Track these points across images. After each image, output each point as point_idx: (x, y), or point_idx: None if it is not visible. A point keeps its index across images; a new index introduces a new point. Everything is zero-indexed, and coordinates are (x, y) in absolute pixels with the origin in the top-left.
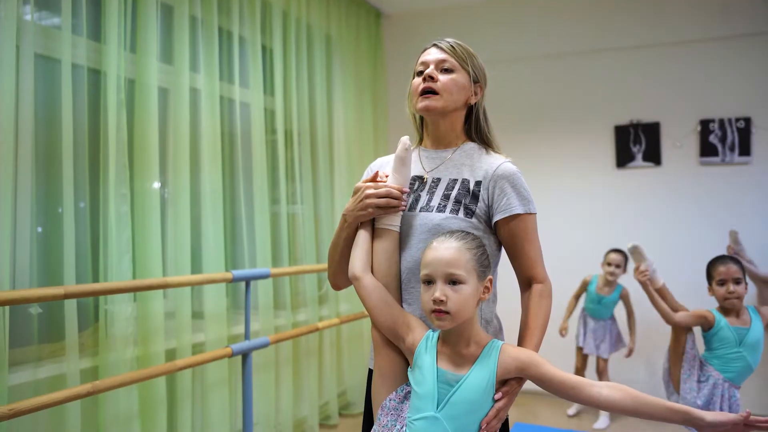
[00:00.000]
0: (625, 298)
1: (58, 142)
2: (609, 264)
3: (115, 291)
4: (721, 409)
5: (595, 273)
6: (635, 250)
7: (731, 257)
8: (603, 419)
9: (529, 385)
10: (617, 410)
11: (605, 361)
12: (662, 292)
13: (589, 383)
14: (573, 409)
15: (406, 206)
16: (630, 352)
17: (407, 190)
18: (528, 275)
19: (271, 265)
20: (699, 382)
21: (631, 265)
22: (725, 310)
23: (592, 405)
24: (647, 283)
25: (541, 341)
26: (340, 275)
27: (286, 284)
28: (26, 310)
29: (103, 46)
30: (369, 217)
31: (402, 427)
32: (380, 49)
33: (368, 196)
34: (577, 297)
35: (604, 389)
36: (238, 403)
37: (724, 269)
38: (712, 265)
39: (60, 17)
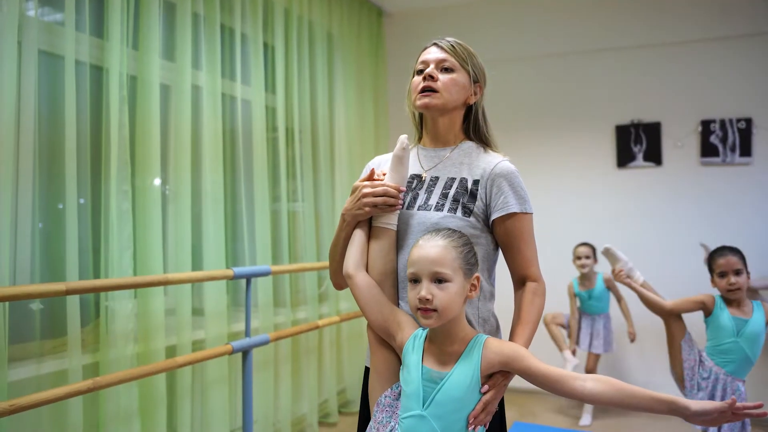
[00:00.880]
0: (609, 284)
1: (60, 138)
2: (578, 258)
3: (116, 287)
4: None
5: (572, 277)
6: (608, 253)
7: (731, 248)
8: (586, 417)
9: (527, 384)
10: (602, 403)
11: (596, 358)
12: (645, 288)
13: (573, 376)
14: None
15: (403, 205)
16: (633, 338)
17: (404, 189)
18: (522, 274)
19: (271, 262)
20: (702, 379)
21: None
22: (728, 301)
23: (576, 398)
24: (629, 282)
25: (532, 337)
26: (340, 275)
27: (286, 282)
28: (27, 305)
29: (105, 42)
30: (367, 216)
31: (396, 424)
32: (381, 47)
33: (365, 195)
34: (573, 312)
35: (588, 382)
36: (237, 400)
37: (723, 261)
38: (712, 258)
39: (63, 13)
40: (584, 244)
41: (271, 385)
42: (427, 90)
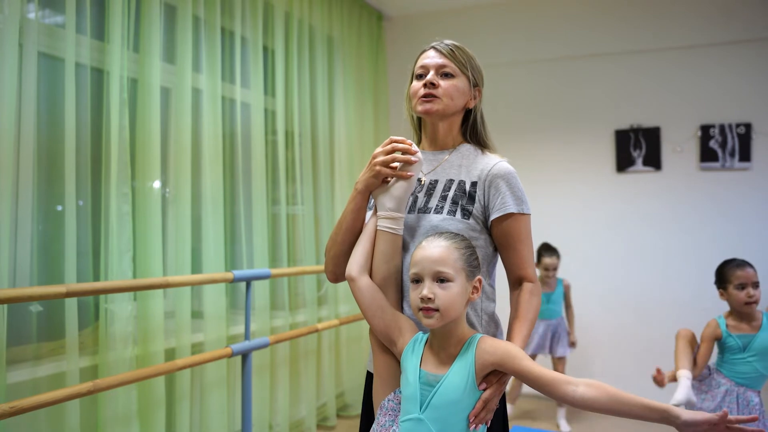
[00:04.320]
0: (566, 290)
1: (61, 140)
2: (546, 269)
3: (117, 290)
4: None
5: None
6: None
7: (744, 261)
8: (563, 422)
9: (527, 388)
10: (594, 409)
11: (562, 361)
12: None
13: (566, 380)
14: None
15: (419, 160)
16: (573, 345)
17: (416, 149)
18: (519, 274)
19: (269, 265)
20: (710, 387)
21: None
22: (740, 315)
23: (567, 402)
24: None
25: (529, 335)
26: (341, 258)
27: (285, 285)
28: (26, 308)
29: (106, 45)
30: (380, 179)
31: (398, 428)
32: (382, 51)
33: (376, 156)
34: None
35: (580, 387)
36: (236, 403)
37: (743, 273)
38: (727, 269)
39: (64, 16)
40: (549, 249)
41: (270, 388)
42: (428, 96)
